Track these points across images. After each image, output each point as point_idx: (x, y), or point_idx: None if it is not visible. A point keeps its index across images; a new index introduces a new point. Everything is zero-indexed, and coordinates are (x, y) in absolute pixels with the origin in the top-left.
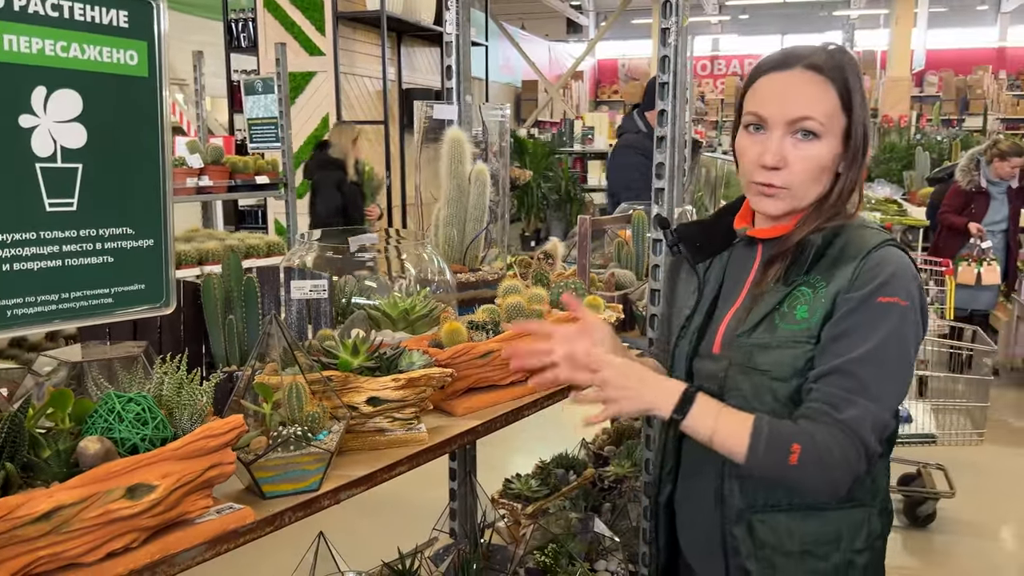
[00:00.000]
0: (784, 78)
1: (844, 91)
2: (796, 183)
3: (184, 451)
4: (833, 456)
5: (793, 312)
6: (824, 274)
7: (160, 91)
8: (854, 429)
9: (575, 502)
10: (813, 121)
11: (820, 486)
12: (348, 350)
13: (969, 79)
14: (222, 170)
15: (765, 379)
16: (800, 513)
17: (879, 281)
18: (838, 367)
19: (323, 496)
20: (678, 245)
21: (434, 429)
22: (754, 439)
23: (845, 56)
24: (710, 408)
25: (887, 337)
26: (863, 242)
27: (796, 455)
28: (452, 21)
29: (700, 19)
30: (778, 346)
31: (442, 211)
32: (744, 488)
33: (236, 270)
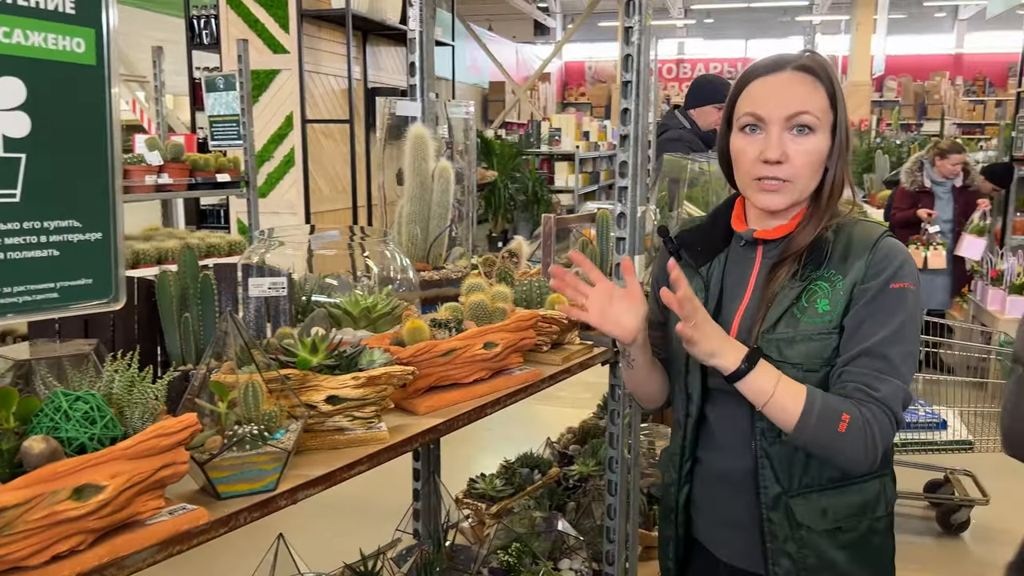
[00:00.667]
0: (778, 79)
1: (831, 89)
2: (797, 176)
3: (135, 450)
4: (875, 430)
5: (814, 306)
6: (837, 268)
7: (108, 81)
8: (888, 404)
9: (540, 501)
10: (809, 115)
11: (860, 455)
12: (307, 348)
13: (927, 85)
14: (182, 168)
15: (796, 371)
16: (831, 491)
17: (891, 270)
18: (867, 350)
19: (280, 496)
20: (680, 251)
21: (395, 428)
22: (808, 405)
23: (826, 61)
24: (772, 370)
25: (905, 319)
26: (867, 235)
27: (845, 424)
28: (415, 18)
29: (666, 23)
30: (804, 339)
31: (405, 208)
32: (779, 473)
33: (192, 267)
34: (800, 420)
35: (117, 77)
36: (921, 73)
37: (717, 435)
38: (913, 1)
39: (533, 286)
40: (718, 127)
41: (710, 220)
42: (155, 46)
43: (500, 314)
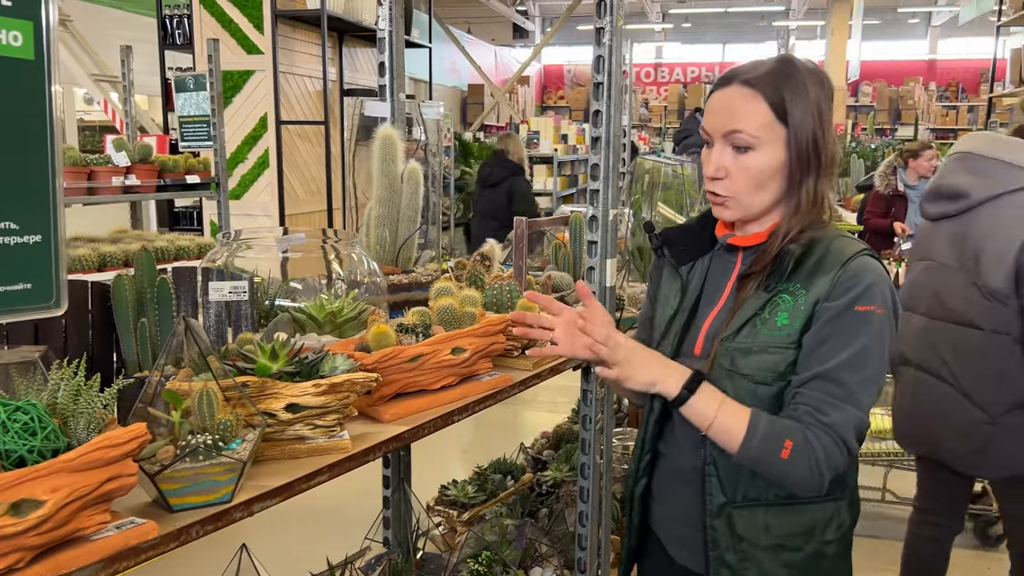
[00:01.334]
0: (722, 95)
1: (777, 102)
2: (738, 192)
3: (78, 463)
4: (820, 456)
5: (774, 318)
6: (804, 282)
7: (48, 76)
8: (838, 431)
9: (512, 508)
10: (743, 134)
11: (805, 482)
12: (266, 354)
13: (901, 90)
14: (150, 169)
15: (747, 382)
16: (776, 508)
17: (857, 291)
18: (821, 373)
19: (235, 508)
20: (663, 248)
21: (358, 436)
22: (751, 430)
23: (789, 68)
24: (715, 394)
25: (866, 344)
26: (840, 252)
27: (787, 451)
28: (385, 17)
29: (644, 27)
30: (760, 351)
31: (374, 211)
32: (724, 483)
33: (149, 270)
34: (742, 444)
35: (58, 73)
36: (895, 78)
37: (677, 432)
38: (887, 7)
39: (504, 290)
40: None
41: (699, 222)
42: (124, 45)
43: (469, 319)
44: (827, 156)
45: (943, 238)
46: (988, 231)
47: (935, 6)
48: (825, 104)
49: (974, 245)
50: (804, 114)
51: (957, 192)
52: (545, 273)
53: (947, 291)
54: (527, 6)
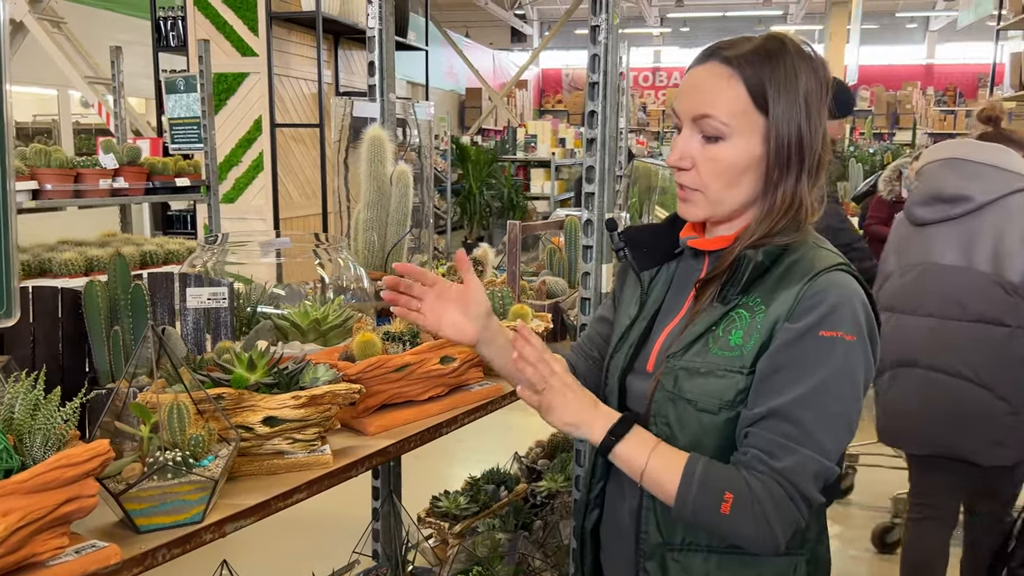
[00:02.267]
0: (696, 72)
1: (757, 86)
2: (705, 186)
3: (31, 484)
4: (767, 508)
5: (728, 336)
6: (765, 296)
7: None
8: (792, 480)
9: (505, 519)
10: (712, 120)
11: (754, 539)
12: (244, 364)
13: (899, 94)
14: (139, 171)
15: (691, 409)
16: (718, 556)
17: (821, 311)
18: (775, 410)
19: (205, 529)
20: (624, 249)
21: (341, 450)
22: (685, 481)
23: (778, 48)
24: (645, 440)
25: (829, 376)
26: (810, 264)
27: (728, 504)
28: (375, 16)
29: (642, 31)
30: (706, 373)
31: (361, 214)
32: (661, 523)
33: (123, 276)
34: (678, 495)
35: (8, 72)
36: (893, 83)
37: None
38: (885, 12)
39: (496, 296)
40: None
41: (667, 223)
42: (113, 46)
43: None
44: (813, 156)
45: (943, 241)
46: (1002, 231)
47: (933, 11)
48: (816, 96)
49: (990, 245)
50: (789, 104)
51: (958, 196)
52: (539, 278)
53: (963, 291)
54: (525, 10)
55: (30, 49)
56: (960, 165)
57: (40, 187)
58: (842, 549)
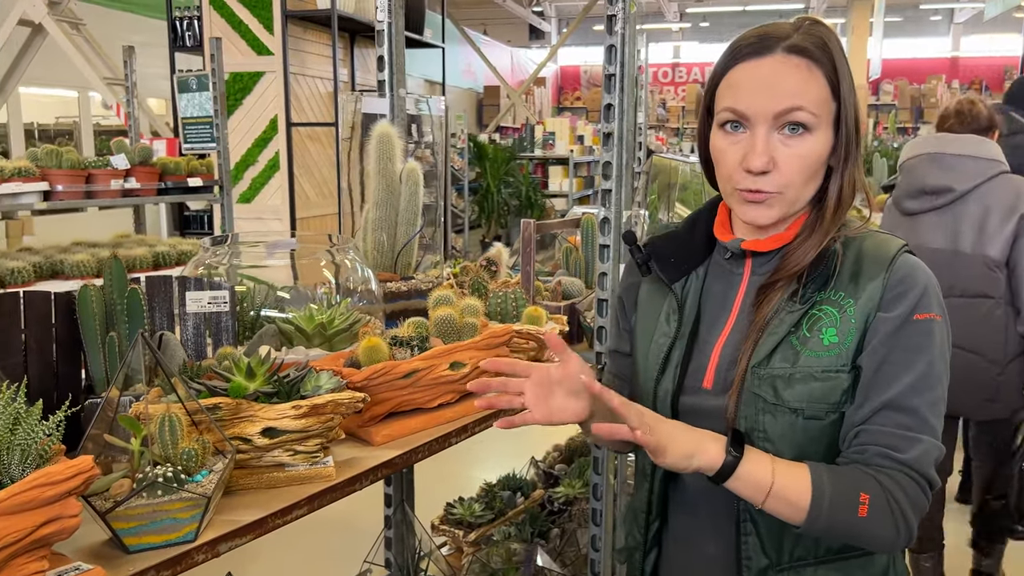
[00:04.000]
0: (765, 65)
1: (832, 73)
2: (789, 185)
3: (7, 505)
4: (903, 503)
5: (819, 336)
6: (847, 290)
7: None
8: (919, 469)
9: (521, 527)
10: (804, 112)
11: (894, 536)
12: (242, 372)
13: (923, 88)
14: (151, 172)
15: (794, 417)
16: (827, 565)
17: (913, 297)
18: (890, 402)
19: (197, 549)
20: (648, 263)
21: (345, 462)
22: (817, 491)
23: (826, 31)
24: (762, 456)
25: (932, 359)
26: (881, 250)
27: (865, 506)
28: (384, 9)
29: (661, 26)
30: (804, 378)
31: (370, 214)
32: (766, 542)
33: (119, 279)
34: (810, 513)
35: None
36: (917, 76)
37: (690, 491)
38: (909, 4)
39: (508, 298)
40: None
41: (687, 227)
42: (126, 46)
43: (470, 330)
44: (859, 139)
45: (930, 228)
46: (983, 213)
47: (958, 3)
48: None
49: (974, 228)
50: (850, 89)
51: (941, 188)
52: (555, 279)
53: (952, 272)
54: (543, 7)
55: (50, 51)
56: (939, 159)
57: (51, 188)
58: None
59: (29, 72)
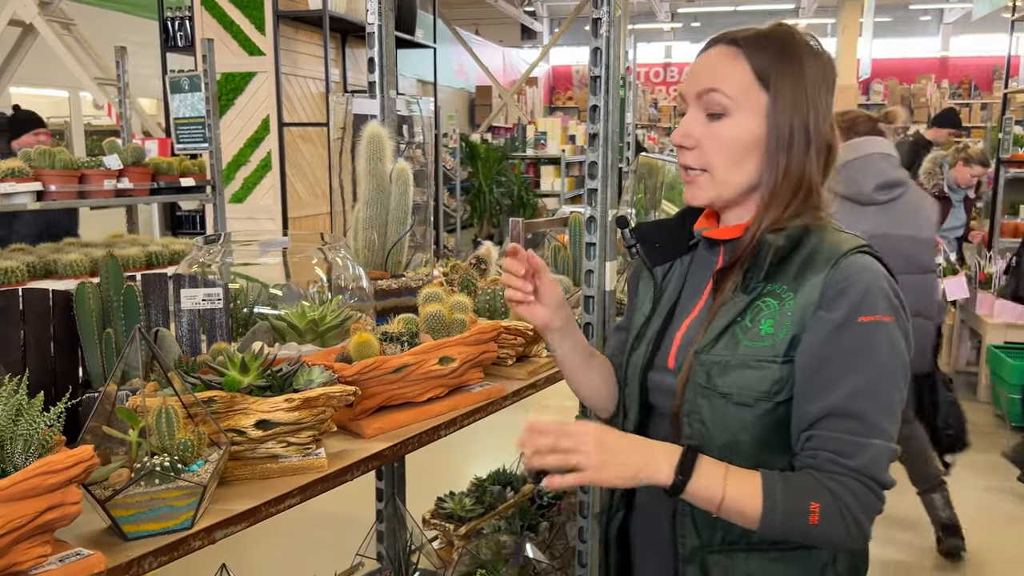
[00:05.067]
0: (704, 56)
1: (762, 64)
2: (711, 165)
3: (11, 491)
4: (853, 508)
5: (757, 327)
6: (791, 283)
7: None
8: (869, 474)
9: (511, 521)
10: (719, 94)
11: (846, 540)
12: (236, 367)
13: (913, 88)
14: (144, 172)
15: (727, 403)
16: (759, 553)
17: (855, 296)
18: (834, 408)
19: (194, 536)
20: (635, 246)
21: (337, 453)
22: (768, 502)
23: (784, 35)
24: (715, 471)
25: (880, 362)
26: (833, 248)
27: (816, 514)
28: (374, 11)
29: (652, 26)
30: (740, 365)
31: (361, 213)
32: (699, 525)
33: (115, 277)
34: (762, 520)
35: None
36: (907, 76)
37: None
38: (898, 4)
39: (497, 295)
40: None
41: (678, 217)
42: (118, 46)
43: (459, 326)
44: (819, 139)
45: (895, 216)
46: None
47: (947, 3)
48: (820, 88)
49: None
50: (793, 88)
51: (900, 182)
52: None
53: (915, 251)
54: (535, 7)
55: (41, 51)
56: (891, 158)
57: (44, 188)
58: None
59: (20, 72)
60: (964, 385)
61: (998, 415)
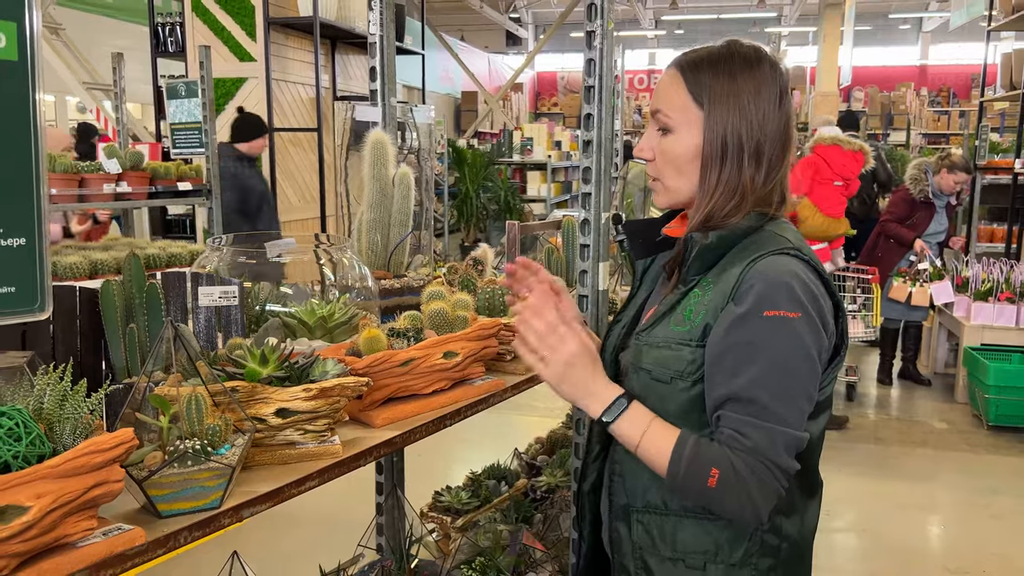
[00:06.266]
0: (661, 77)
1: (695, 85)
2: (661, 174)
3: (63, 468)
4: (750, 484)
5: (682, 314)
6: (715, 276)
7: (32, 78)
8: (765, 455)
9: (506, 514)
10: (661, 114)
11: (739, 511)
12: (256, 359)
13: (893, 95)
14: (142, 176)
15: (648, 379)
16: (675, 518)
17: (759, 292)
18: (734, 394)
19: (224, 514)
20: (623, 240)
21: (350, 441)
22: (675, 456)
23: (722, 52)
24: (641, 418)
25: (779, 355)
26: (757, 248)
27: (715, 479)
28: (376, 22)
29: (636, 33)
30: (662, 346)
31: (365, 215)
32: (625, 485)
33: (138, 275)
34: (669, 469)
35: (42, 75)
36: (887, 84)
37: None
38: (879, 13)
39: (496, 294)
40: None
41: (665, 216)
42: (115, 52)
43: (461, 323)
44: (752, 148)
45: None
46: None
47: (926, 12)
48: (756, 98)
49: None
50: (724, 103)
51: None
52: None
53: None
54: (520, 13)
55: None
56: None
57: None
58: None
59: None
60: (942, 386)
61: (975, 415)
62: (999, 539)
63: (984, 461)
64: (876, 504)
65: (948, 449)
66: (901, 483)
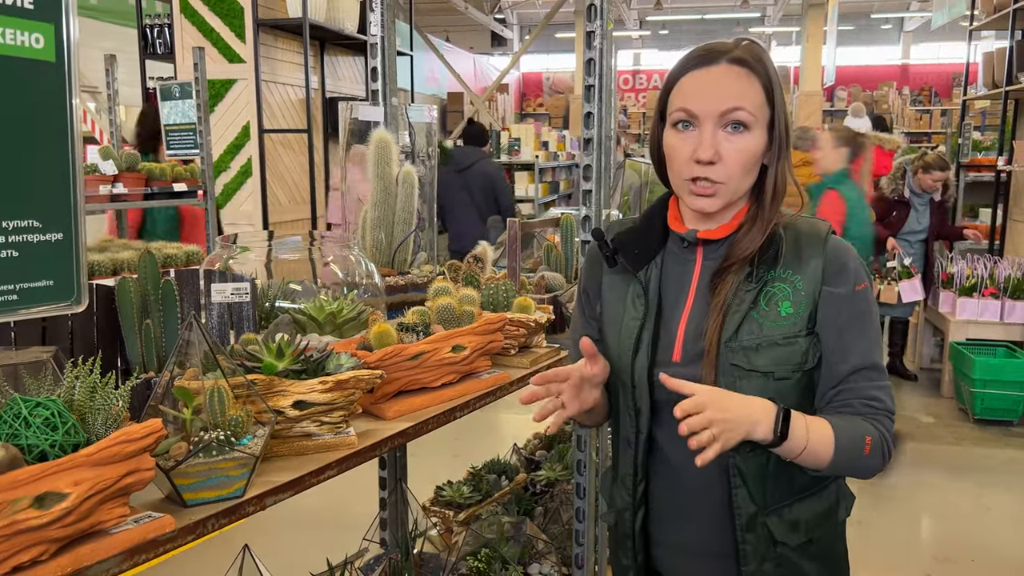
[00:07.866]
0: (711, 73)
1: (767, 83)
2: (731, 176)
3: (98, 457)
4: (887, 437)
5: (776, 309)
6: (794, 268)
7: (68, 77)
8: (889, 408)
9: (507, 507)
10: (744, 112)
11: (879, 465)
12: (272, 353)
13: (875, 94)
14: (138, 177)
15: (767, 380)
16: (798, 502)
17: (851, 272)
18: (859, 365)
19: (248, 503)
20: (615, 256)
21: (363, 433)
22: (839, 442)
23: (761, 50)
24: (801, 422)
25: (874, 321)
26: (814, 233)
27: (869, 446)
28: (377, 23)
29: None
30: (770, 345)
31: (369, 213)
32: (754, 493)
33: (153, 273)
34: (834, 456)
35: (78, 76)
36: (870, 83)
37: (669, 453)
38: (861, 13)
39: (499, 289)
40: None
41: (644, 221)
42: (107, 54)
43: (468, 317)
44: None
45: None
46: None
47: (908, 12)
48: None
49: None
50: (781, 98)
51: None
52: (538, 274)
53: None
54: (505, 14)
55: None
56: None
57: None
58: None
59: None
60: (928, 381)
61: (961, 409)
62: (985, 530)
63: (970, 454)
64: (863, 496)
65: (935, 442)
66: (888, 476)
